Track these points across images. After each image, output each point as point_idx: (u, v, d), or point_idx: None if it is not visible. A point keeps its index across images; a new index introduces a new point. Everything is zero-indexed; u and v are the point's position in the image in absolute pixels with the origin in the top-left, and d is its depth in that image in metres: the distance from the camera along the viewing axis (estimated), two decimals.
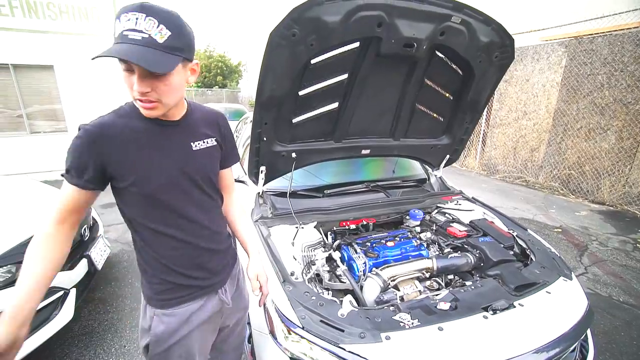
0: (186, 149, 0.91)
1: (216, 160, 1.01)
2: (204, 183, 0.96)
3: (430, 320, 1.09)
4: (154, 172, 0.85)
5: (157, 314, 0.94)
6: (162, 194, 0.87)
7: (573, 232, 3.76)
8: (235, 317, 1.17)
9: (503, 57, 1.72)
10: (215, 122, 1.02)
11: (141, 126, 0.84)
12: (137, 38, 0.70)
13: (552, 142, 5.58)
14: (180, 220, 0.91)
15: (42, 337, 1.65)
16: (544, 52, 5.62)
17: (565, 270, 1.47)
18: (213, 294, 1.03)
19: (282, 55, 1.33)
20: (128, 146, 0.82)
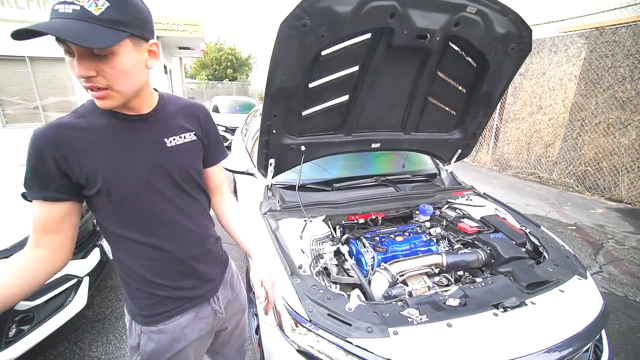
0: (159, 145, 0.81)
1: (197, 156, 0.91)
2: (184, 181, 0.86)
3: (439, 316, 1.08)
4: (123, 175, 0.75)
5: (144, 331, 0.87)
6: (136, 199, 0.77)
7: (588, 230, 3.66)
8: (234, 321, 1.12)
9: (520, 48, 1.66)
10: (195, 116, 0.91)
11: (103, 123, 0.74)
12: (68, 11, 0.60)
13: (568, 137, 5.41)
14: (160, 226, 0.82)
15: (57, 323, 1.71)
16: (562, 44, 5.42)
17: (580, 268, 1.43)
18: (205, 303, 0.95)
19: (292, 46, 1.31)
20: (90, 148, 0.72)
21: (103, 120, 0.74)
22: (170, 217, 0.83)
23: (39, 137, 0.68)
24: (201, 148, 0.92)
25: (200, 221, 0.93)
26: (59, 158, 0.69)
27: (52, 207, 0.71)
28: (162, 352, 0.88)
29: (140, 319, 0.86)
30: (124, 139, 0.76)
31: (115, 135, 0.75)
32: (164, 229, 0.83)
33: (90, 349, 1.84)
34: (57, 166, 0.69)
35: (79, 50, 0.63)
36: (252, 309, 1.77)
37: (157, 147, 0.81)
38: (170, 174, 0.82)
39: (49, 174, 0.69)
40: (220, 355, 1.20)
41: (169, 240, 0.84)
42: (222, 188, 1.07)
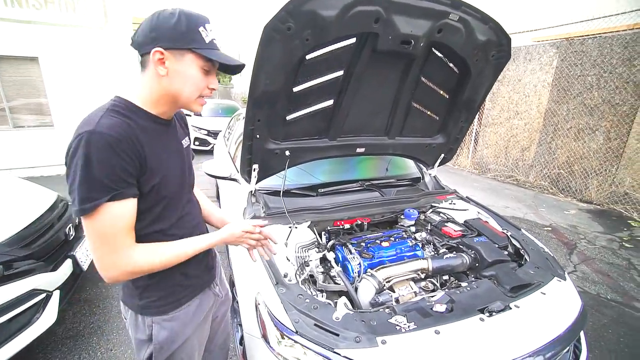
0: (181, 148, 0.94)
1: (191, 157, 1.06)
2: (193, 179, 1.01)
3: (427, 323, 1.07)
4: (169, 172, 0.85)
5: (156, 321, 0.91)
6: (175, 195, 0.88)
7: (562, 231, 3.81)
8: (222, 310, 1.19)
9: (500, 56, 1.70)
10: (183, 120, 1.04)
11: (147, 126, 0.80)
12: (219, 45, 0.81)
13: (542, 141, 5.65)
14: (184, 218, 0.93)
15: (22, 342, 1.58)
16: (535, 53, 5.67)
17: (559, 270, 1.47)
18: (207, 289, 1.04)
19: (276, 49, 1.29)
20: (147, 144, 0.78)
21: (146, 123, 0.80)
22: (188, 210, 0.95)
23: (108, 135, 0.69)
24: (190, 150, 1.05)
25: (200, 212, 1.06)
26: (131, 153, 0.72)
27: (132, 203, 0.75)
28: (175, 338, 0.93)
29: (152, 310, 0.90)
30: (164, 141, 0.85)
31: (158, 137, 0.83)
32: (184, 221, 0.92)
33: None
34: (132, 162, 0.73)
35: (215, 70, 0.84)
36: (236, 318, 1.71)
37: (181, 150, 0.94)
38: (188, 173, 0.96)
39: (126, 170, 0.72)
40: (207, 351, 1.20)
41: (189, 230, 0.93)
42: None
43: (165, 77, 0.77)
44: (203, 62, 0.78)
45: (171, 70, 0.77)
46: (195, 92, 0.81)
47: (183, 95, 0.80)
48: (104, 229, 0.71)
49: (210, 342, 1.19)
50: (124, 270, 0.74)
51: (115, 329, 2.01)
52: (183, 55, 0.76)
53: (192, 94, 0.81)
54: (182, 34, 0.74)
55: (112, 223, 0.71)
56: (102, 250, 0.72)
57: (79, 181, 0.67)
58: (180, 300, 0.93)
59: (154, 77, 0.78)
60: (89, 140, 0.67)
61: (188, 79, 0.78)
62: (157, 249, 0.80)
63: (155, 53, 0.74)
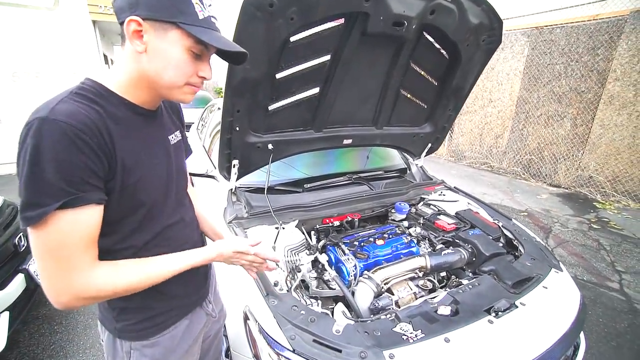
0: (167, 143, 0.78)
1: (184, 155, 0.89)
2: (184, 182, 0.85)
3: (435, 330, 0.99)
4: (151, 173, 0.69)
5: (135, 347, 0.77)
6: (158, 201, 0.72)
7: (537, 215, 3.96)
8: (216, 328, 1.07)
9: (490, 40, 1.64)
10: (176, 111, 0.88)
11: (121, 115, 0.65)
12: (217, 26, 0.66)
13: (514, 128, 5.83)
14: (169, 230, 0.77)
15: None
16: (508, 41, 5.78)
17: (554, 260, 1.45)
18: (198, 308, 0.91)
19: (257, 29, 1.12)
20: (119, 138, 0.62)
21: (119, 111, 0.65)
22: (177, 219, 0.80)
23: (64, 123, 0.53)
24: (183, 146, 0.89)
25: (195, 221, 0.91)
26: (95, 147, 0.57)
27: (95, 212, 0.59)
28: None
29: (131, 335, 0.77)
30: (143, 135, 0.70)
31: (135, 130, 0.68)
32: (173, 232, 0.78)
33: None
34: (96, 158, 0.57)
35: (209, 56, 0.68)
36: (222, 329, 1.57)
37: (167, 146, 0.78)
38: (176, 174, 0.79)
39: (88, 168, 0.56)
40: None
41: (177, 244, 0.78)
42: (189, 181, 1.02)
43: (143, 54, 0.61)
44: (191, 42, 0.62)
45: (150, 46, 0.61)
46: (178, 78, 0.65)
47: (162, 80, 0.64)
48: (54, 244, 0.54)
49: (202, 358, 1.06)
50: (78, 295, 0.58)
51: (82, 349, 1.79)
52: (166, 31, 0.60)
53: (175, 81, 0.65)
54: (168, 3, 0.58)
55: (66, 237, 0.55)
56: (51, 270, 0.56)
57: (24, 182, 0.52)
58: (164, 323, 0.80)
59: (132, 54, 0.63)
60: (40, 129, 0.51)
61: (170, 60, 0.62)
62: (124, 269, 0.63)
63: (130, 23, 0.58)
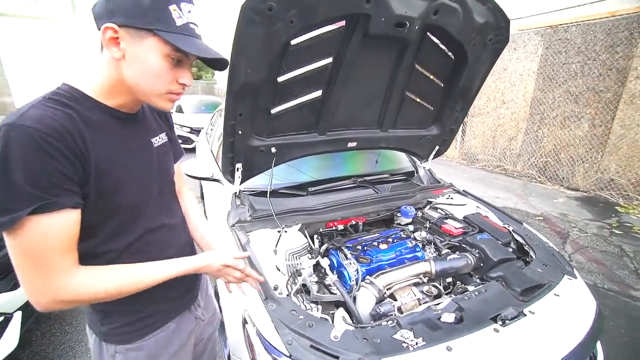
0: (149, 146, 0.77)
1: (172, 158, 0.88)
2: (168, 184, 0.84)
3: (436, 337, 0.96)
4: (130, 176, 0.69)
5: (119, 350, 0.77)
6: (139, 204, 0.72)
7: (554, 220, 3.81)
8: (209, 331, 1.07)
9: (497, 39, 1.60)
10: (162, 112, 0.88)
11: (97, 119, 0.65)
12: (198, 32, 0.67)
13: (529, 130, 5.67)
14: (154, 232, 0.77)
15: None
16: (520, 41, 5.65)
17: (567, 267, 1.39)
18: (186, 312, 0.90)
19: (257, 33, 1.13)
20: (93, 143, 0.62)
21: (94, 115, 0.64)
22: (161, 222, 0.79)
23: (33, 129, 0.53)
24: (171, 148, 0.89)
25: (183, 224, 0.91)
26: (67, 151, 0.57)
27: (71, 216, 0.59)
28: None
29: (116, 338, 0.77)
30: (121, 138, 0.69)
31: (112, 133, 0.67)
32: (157, 236, 0.78)
33: None
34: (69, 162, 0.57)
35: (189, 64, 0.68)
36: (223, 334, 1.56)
37: (148, 149, 0.77)
38: (160, 177, 0.79)
39: (60, 173, 0.56)
40: None
41: (161, 248, 0.79)
42: (184, 188, 1.03)
43: (122, 61, 0.62)
44: (169, 49, 0.62)
45: (128, 53, 0.61)
46: (157, 85, 0.65)
47: (140, 87, 0.64)
48: (29, 248, 0.55)
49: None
50: (55, 299, 0.58)
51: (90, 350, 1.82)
52: (142, 38, 0.61)
53: (154, 88, 0.65)
54: (144, 10, 0.59)
55: (41, 241, 0.55)
56: (28, 273, 0.57)
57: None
58: (149, 327, 0.79)
59: (110, 60, 0.64)
60: (7, 135, 0.52)
61: (147, 68, 0.62)
62: (105, 275, 0.63)
63: (107, 30, 0.59)
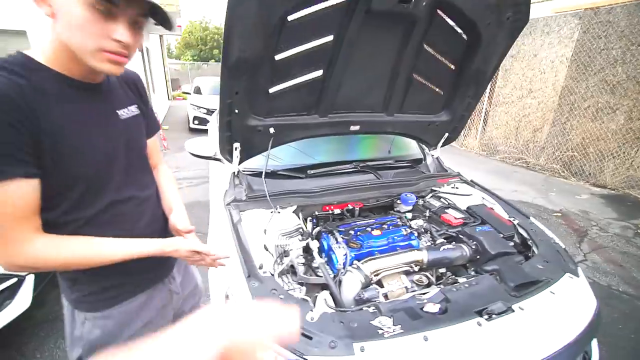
0: (114, 118, 0.76)
1: (143, 131, 0.87)
2: (138, 157, 0.84)
3: (415, 326, 0.93)
4: (88, 147, 0.69)
5: (88, 317, 0.79)
6: (100, 175, 0.72)
7: (573, 217, 3.62)
8: (190, 303, 1.09)
9: (516, 18, 1.47)
10: (133, 84, 0.86)
11: (50, 88, 0.63)
12: None
13: (556, 122, 5.33)
14: (121, 205, 0.78)
15: None
16: (555, 25, 5.24)
17: (571, 264, 1.31)
18: (159, 284, 0.92)
19: (249, 7, 1.09)
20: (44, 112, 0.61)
21: (48, 84, 0.63)
22: (128, 195, 0.79)
23: None
24: (143, 120, 0.88)
25: (157, 199, 0.91)
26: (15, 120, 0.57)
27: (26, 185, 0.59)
28: (109, 339, 0.80)
29: (84, 306, 0.79)
30: (79, 108, 0.68)
31: (69, 103, 0.66)
32: (120, 211, 0.77)
33: (34, 355, 1.66)
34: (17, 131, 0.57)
35: (132, 19, 0.62)
36: None
37: (113, 120, 0.76)
38: (127, 149, 0.78)
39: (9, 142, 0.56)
40: None
41: (129, 219, 0.80)
42: (160, 163, 1.03)
43: (55, 20, 0.60)
44: None
45: (56, 8, 0.59)
46: (85, 41, 0.60)
47: (72, 44, 0.61)
48: None
49: None
50: (14, 263, 0.61)
51: None
52: None
53: (82, 44, 0.60)
54: None
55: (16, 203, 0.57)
56: None
57: None
58: (117, 297, 0.81)
59: (49, 22, 0.62)
60: None
61: (72, 20, 0.58)
62: (66, 245, 0.65)
63: None
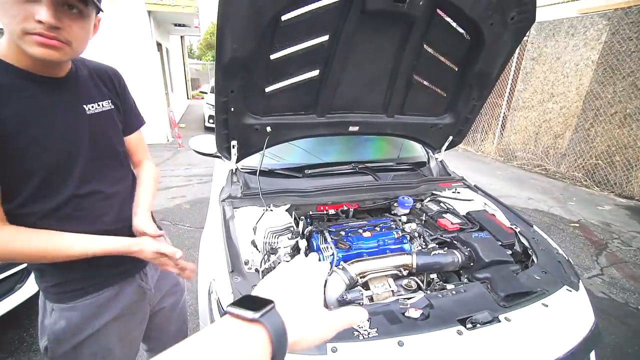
0: (78, 113, 0.77)
1: (117, 126, 0.86)
2: (107, 152, 0.83)
3: (391, 331, 0.91)
4: (45, 138, 0.69)
5: (55, 308, 0.81)
6: (59, 167, 0.72)
7: (592, 228, 3.43)
8: (170, 300, 1.10)
9: (521, 18, 1.41)
10: (109, 79, 0.86)
11: (4, 82, 0.65)
12: None
13: (579, 128, 5.08)
14: (82, 199, 0.78)
15: (3, 308, 1.62)
16: (581, 26, 5.00)
17: (572, 277, 1.24)
18: (129, 279, 0.91)
19: (240, 6, 1.10)
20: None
21: (5, 78, 0.65)
22: (90, 190, 0.79)
23: None
24: (118, 116, 0.88)
25: (124, 195, 0.89)
26: None
27: None
28: (75, 331, 0.82)
29: (51, 297, 0.81)
30: (34, 101, 0.68)
31: (25, 96, 0.67)
32: (86, 202, 0.78)
33: None
34: None
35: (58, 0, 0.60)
36: None
37: (77, 115, 0.76)
38: (93, 143, 0.78)
39: None
40: (157, 340, 1.15)
41: (92, 213, 0.80)
42: (143, 155, 1.03)
43: None
44: None
45: None
46: (12, 25, 0.59)
47: (6, 31, 0.62)
48: None
49: (161, 332, 1.14)
50: None
51: None
52: None
53: (11, 29, 0.60)
54: None
55: None
56: None
57: None
58: (82, 290, 0.82)
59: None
60: None
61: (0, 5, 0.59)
62: (24, 237, 0.66)
63: None
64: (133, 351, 0.98)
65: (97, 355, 0.87)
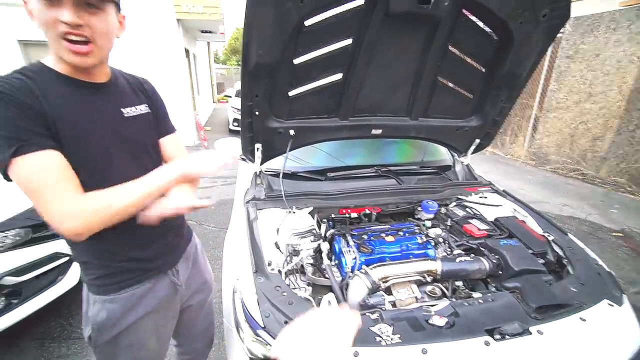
0: (117, 115, 0.84)
1: (152, 129, 0.93)
2: (142, 153, 0.89)
3: (415, 338, 0.89)
4: (89, 137, 0.76)
5: (98, 300, 0.87)
6: (100, 162, 0.78)
7: (638, 238, 3.16)
8: (198, 298, 1.15)
9: (554, 15, 1.34)
10: (142, 88, 0.94)
11: (55, 87, 0.72)
12: None
13: (622, 129, 4.73)
14: None
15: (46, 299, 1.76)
16: (624, 20, 4.66)
17: (615, 291, 1.15)
18: (162, 275, 0.97)
19: (266, 13, 1.14)
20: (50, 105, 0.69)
21: (56, 84, 0.72)
22: None
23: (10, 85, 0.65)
24: (153, 120, 0.95)
25: None
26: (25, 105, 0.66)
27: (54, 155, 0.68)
28: (115, 321, 0.88)
29: (94, 289, 0.87)
30: (82, 105, 0.76)
31: (75, 101, 0.74)
32: None
33: (79, 325, 1.86)
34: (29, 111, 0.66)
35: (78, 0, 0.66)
36: None
37: (116, 117, 0.83)
38: (130, 144, 0.84)
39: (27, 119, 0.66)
40: (185, 337, 1.20)
41: None
42: None
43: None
44: None
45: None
46: (47, 32, 0.67)
47: (49, 43, 0.69)
48: (30, 184, 0.66)
49: (189, 328, 1.19)
50: (74, 217, 0.67)
51: None
52: None
53: (48, 38, 0.67)
54: None
55: (37, 176, 0.66)
56: (42, 204, 0.67)
57: None
58: (122, 283, 0.88)
59: None
60: None
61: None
62: (105, 193, 0.71)
63: None
64: (164, 345, 1.04)
65: (133, 347, 0.93)
